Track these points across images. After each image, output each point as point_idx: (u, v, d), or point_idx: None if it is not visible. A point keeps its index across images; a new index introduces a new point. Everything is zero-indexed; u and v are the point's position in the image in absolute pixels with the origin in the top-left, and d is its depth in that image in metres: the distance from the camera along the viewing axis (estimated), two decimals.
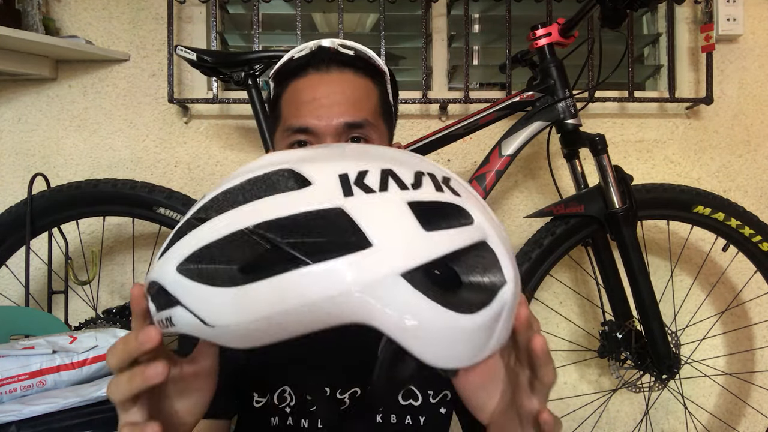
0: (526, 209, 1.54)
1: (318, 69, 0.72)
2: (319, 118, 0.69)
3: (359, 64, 0.74)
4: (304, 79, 0.73)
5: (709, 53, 1.48)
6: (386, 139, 0.76)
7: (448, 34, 1.58)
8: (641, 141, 1.57)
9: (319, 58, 0.73)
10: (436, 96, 1.52)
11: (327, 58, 0.72)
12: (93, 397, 0.88)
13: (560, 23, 1.18)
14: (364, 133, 0.71)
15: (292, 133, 0.71)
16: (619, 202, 1.15)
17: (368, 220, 0.36)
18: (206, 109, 1.52)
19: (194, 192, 1.47)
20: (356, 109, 0.71)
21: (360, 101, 0.72)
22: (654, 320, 1.18)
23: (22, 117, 1.51)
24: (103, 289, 1.52)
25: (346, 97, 0.71)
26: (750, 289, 1.55)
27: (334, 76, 0.72)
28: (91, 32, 1.50)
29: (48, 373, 0.93)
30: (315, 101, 0.70)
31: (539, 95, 1.19)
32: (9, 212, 1.26)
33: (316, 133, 0.69)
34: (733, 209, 1.28)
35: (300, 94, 0.72)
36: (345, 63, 0.73)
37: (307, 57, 0.73)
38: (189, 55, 1.18)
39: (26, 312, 1.24)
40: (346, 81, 0.73)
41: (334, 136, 0.69)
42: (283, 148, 0.72)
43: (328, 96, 0.71)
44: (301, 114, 0.70)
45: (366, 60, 0.75)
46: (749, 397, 1.60)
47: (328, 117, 0.69)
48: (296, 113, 0.71)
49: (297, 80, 0.73)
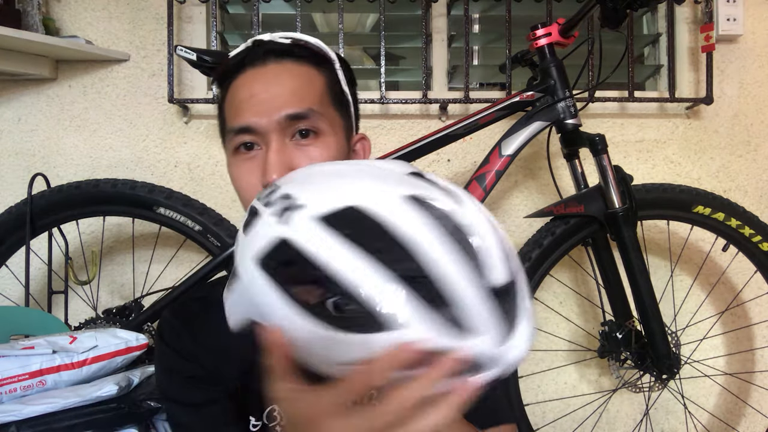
0: (526, 209, 1.54)
1: (254, 64, 0.68)
2: (259, 114, 0.65)
3: (298, 52, 0.69)
4: (242, 76, 0.69)
5: (709, 53, 1.48)
6: (341, 129, 0.71)
7: (448, 34, 1.58)
8: (641, 141, 1.57)
9: (254, 53, 0.69)
10: (436, 96, 1.52)
11: (262, 51, 0.69)
12: (93, 397, 0.88)
13: (560, 23, 1.18)
14: (311, 123, 0.66)
15: (235, 135, 0.67)
16: (619, 202, 1.15)
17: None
18: (206, 109, 1.52)
19: (194, 192, 1.47)
20: (298, 98, 0.66)
21: (301, 90, 0.67)
22: (654, 320, 1.18)
23: (22, 117, 1.51)
24: (103, 289, 1.52)
25: (285, 88, 0.66)
26: (750, 289, 1.55)
27: (270, 67, 0.68)
28: (91, 32, 1.50)
29: (48, 373, 0.93)
30: (252, 97, 0.66)
31: (539, 95, 1.19)
32: (9, 212, 1.26)
33: (259, 131, 0.65)
34: (733, 209, 1.28)
35: (237, 93, 0.68)
36: (282, 53, 0.69)
37: (242, 54, 0.70)
38: (189, 55, 1.18)
39: (26, 312, 1.24)
40: (284, 71, 0.68)
41: (278, 132, 0.65)
42: (230, 152, 0.69)
43: (266, 90, 0.66)
44: (240, 113, 0.66)
45: (305, 47, 0.70)
46: (749, 397, 1.60)
47: (268, 112, 0.65)
48: (236, 113, 0.67)
49: (235, 80, 0.69)
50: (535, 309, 1.53)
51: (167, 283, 1.45)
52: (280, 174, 0.61)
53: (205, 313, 0.71)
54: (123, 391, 0.92)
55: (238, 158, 0.68)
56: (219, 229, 1.23)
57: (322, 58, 0.71)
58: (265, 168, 0.64)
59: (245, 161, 0.67)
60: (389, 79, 1.60)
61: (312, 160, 0.65)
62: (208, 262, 1.22)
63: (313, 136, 0.67)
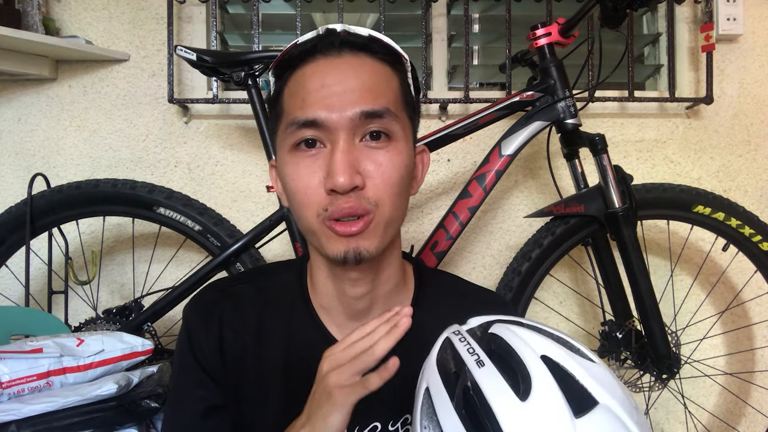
0: (526, 209, 1.54)
1: (326, 53, 0.62)
2: (329, 108, 0.59)
3: (376, 48, 0.63)
4: (311, 65, 0.62)
5: (709, 53, 1.48)
6: (411, 136, 0.66)
7: (448, 34, 1.58)
8: (641, 141, 1.57)
9: (327, 41, 0.62)
10: (436, 96, 1.52)
11: (337, 41, 0.62)
12: (93, 396, 0.88)
13: (560, 23, 1.18)
14: (384, 125, 0.61)
15: (298, 128, 0.60)
16: (619, 202, 1.15)
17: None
18: (206, 109, 1.52)
19: (194, 192, 1.47)
20: (374, 95, 0.60)
21: (378, 87, 0.61)
22: (654, 320, 1.18)
23: (22, 117, 1.51)
24: (103, 289, 1.52)
25: (361, 82, 0.60)
26: (750, 289, 1.55)
27: (346, 59, 0.62)
28: (91, 32, 1.51)
29: (55, 374, 0.93)
30: (324, 88, 0.59)
31: (539, 95, 1.19)
32: (9, 212, 1.26)
33: (327, 126, 0.59)
34: (733, 209, 1.28)
35: (306, 82, 0.61)
36: (359, 46, 0.62)
37: (313, 41, 0.62)
38: (189, 55, 1.18)
39: (26, 312, 1.23)
40: (361, 65, 0.62)
41: (348, 130, 0.59)
42: (288, 148, 0.62)
43: (340, 82, 0.60)
44: (307, 104, 0.59)
45: (383, 44, 0.64)
46: (749, 397, 1.60)
47: (340, 106, 0.59)
48: (302, 104, 0.60)
49: (302, 68, 0.62)
50: (536, 309, 1.53)
51: (167, 283, 1.45)
52: (348, 177, 0.57)
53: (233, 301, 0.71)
54: (122, 390, 0.92)
55: (297, 156, 0.61)
56: (219, 229, 1.23)
57: (397, 57, 0.66)
58: (330, 169, 0.58)
59: (305, 159, 0.61)
60: None
61: (380, 165, 0.60)
62: (208, 262, 1.22)
63: (385, 139, 0.61)
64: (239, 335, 0.70)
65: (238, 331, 0.70)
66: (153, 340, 1.23)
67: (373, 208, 0.61)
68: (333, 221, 0.60)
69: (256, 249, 1.23)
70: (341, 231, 0.60)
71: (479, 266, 1.57)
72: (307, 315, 0.72)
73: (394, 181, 0.62)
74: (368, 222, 0.61)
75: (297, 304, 0.73)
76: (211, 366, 0.69)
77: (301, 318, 0.72)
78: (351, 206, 0.59)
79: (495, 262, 1.56)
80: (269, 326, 0.71)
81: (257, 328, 0.71)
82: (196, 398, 0.69)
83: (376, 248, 0.63)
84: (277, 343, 0.71)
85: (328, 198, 0.60)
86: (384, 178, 0.61)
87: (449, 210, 1.19)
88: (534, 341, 0.54)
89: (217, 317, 0.70)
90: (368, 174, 0.60)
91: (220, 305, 0.71)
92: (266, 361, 0.70)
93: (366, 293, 0.69)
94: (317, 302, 0.72)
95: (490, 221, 1.57)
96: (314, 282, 0.72)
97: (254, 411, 0.70)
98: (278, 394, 0.70)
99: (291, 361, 0.70)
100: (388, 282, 0.71)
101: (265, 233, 1.22)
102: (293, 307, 0.72)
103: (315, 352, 0.68)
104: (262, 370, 0.70)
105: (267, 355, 0.70)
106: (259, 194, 1.51)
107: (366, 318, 0.70)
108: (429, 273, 0.79)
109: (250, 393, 0.70)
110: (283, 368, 0.70)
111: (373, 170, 0.60)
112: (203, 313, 0.71)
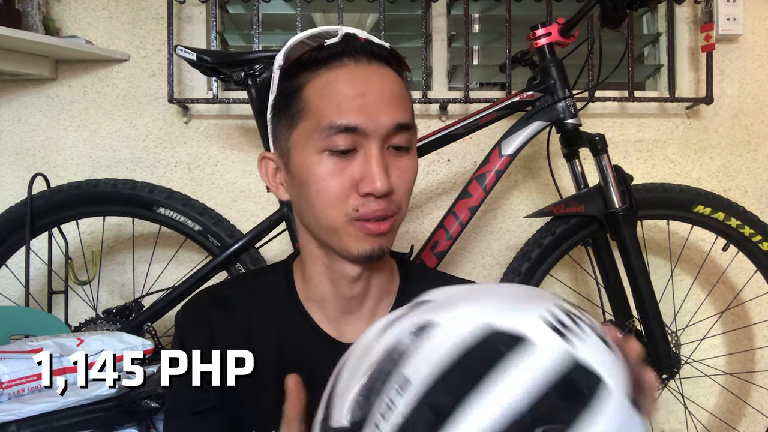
0: (526, 209, 1.54)
1: (357, 60, 0.64)
2: (368, 116, 0.61)
3: (393, 60, 0.67)
4: (343, 70, 0.63)
5: (709, 53, 1.48)
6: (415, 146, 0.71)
7: (448, 34, 1.58)
8: (641, 141, 1.57)
9: (356, 47, 0.64)
10: (436, 96, 1.52)
11: (366, 49, 0.64)
12: (93, 396, 0.88)
13: (560, 23, 1.18)
14: (408, 138, 0.65)
15: (335, 133, 0.62)
16: (619, 202, 1.15)
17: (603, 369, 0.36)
18: (206, 109, 1.52)
19: (194, 192, 1.47)
20: (404, 108, 0.65)
21: (405, 100, 0.66)
22: (654, 320, 1.18)
23: (22, 117, 1.51)
24: (103, 289, 1.52)
25: (393, 95, 0.64)
26: (750, 289, 1.55)
27: (376, 69, 0.64)
28: (91, 32, 1.50)
29: (55, 374, 0.93)
30: (363, 96, 0.62)
31: (539, 95, 1.19)
32: (9, 212, 1.26)
33: (364, 133, 0.62)
34: (733, 209, 1.28)
35: (341, 87, 0.63)
36: (382, 57, 0.65)
37: (341, 45, 0.64)
38: (189, 55, 1.18)
39: (26, 312, 1.24)
40: (388, 77, 0.65)
41: (381, 139, 0.63)
42: (319, 149, 0.63)
43: (377, 92, 0.63)
44: (345, 110, 0.61)
45: (399, 57, 0.68)
46: (749, 397, 1.60)
47: (377, 115, 0.62)
48: (338, 109, 0.62)
49: (332, 70, 0.64)
50: None
51: (167, 283, 1.45)
52: (386, 183, 0.62)
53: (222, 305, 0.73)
54: (122, 390, 0.92)
55: (331, 158, 0.63)
56: (219, 229, 1.23)
57: (405, 69, 0.69)
58: (368, 175, 0.62)
59: (339, 162, 0.63)
60: None
61: (404, 172, 0.66)
62: (208, 262, 1.22)
63: (406, 148, 0.66)
64: (230, 338, 0.71)
65: (229, 334, 0.71)
66: (153, 340, 1.23)
67: (396, 210, 0.66)
68: (364, 221, 0.64)
69: (256, 249, 1.23)
70: (374, 230, 0.64)
71: (479, 266, 1.57)
72: (295, 311, 0.73)
73: (410, 185, 0.68)
74: (392, 223, 0.66)
75: (285, 302, 0.74)
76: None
77: (290, 315, 0.73)
78: (383, 209, 0.63)
79: (495, 262, 1.56)
80: (259, 327, 0.72)
81: (248, 329, 0.72)
82: (189, 400, 0.70)
83: (391, 245, 0.68)
84: (268, 342, 0.72)
85: (360, 199, 0.63)
86: (405, 184, 0.66)
87: (449, 210, 1.19)
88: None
89: (208, 322, 0.72)
90: (394, 180, 0.65)
91: (210, 311, 0.73)
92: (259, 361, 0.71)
93: (363, 288, 0.72)
94: (308, 298, 0.74)
95: (490, 221, 1.57)
96: (307, 278, 0.73)
97: (251, 411, 0.71)
98: (273, 393, 0.70)
99: (283, 359, 0.71)
100: (380, 275, 0.73)
101: (265, 233, 1.22)
102: (282, 306, 0.74)
103: (306, 346, 0.70)
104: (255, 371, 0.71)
105: (259, 356, 0.71)
106: (259, 194, 1.51)
107: (359, 310, 0.72)
108: (412, 265, 0.82)
109: (245, 394, 0.71)
110: (275, 366, 0.71)
111: (398, 176, 0.65)
112: (194, 319, 0.73)
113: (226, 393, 0.70)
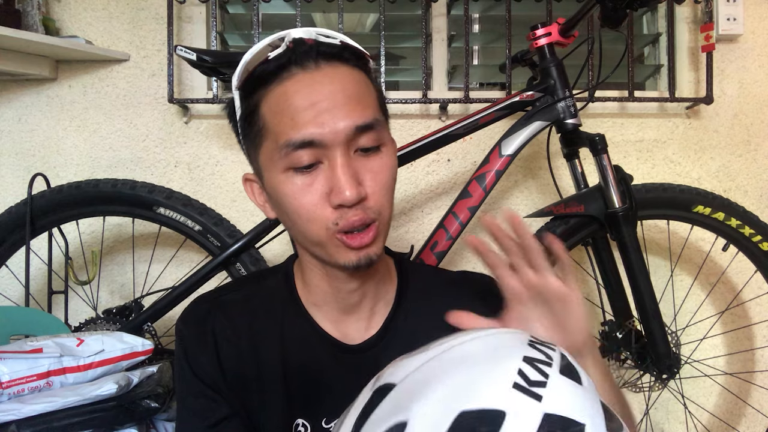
0: (526, 209, 1.54)
1: (304, 66, 0.60)
2: (322, 125, 0.58)
3: (347, 55, 0.62)
4: (291, 81, 0.60)
5: (709, 53, 1.48)
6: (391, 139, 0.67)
7: (448, 34, 1.58)
8: (641, 141, 1.57)
9: (301, 53, 0.60)
10: (436, 96, 1.52)
11: (311, 52, 0.60)
12: (93, 396, 0.88)
13: (560, 23, 1.18)
14: (375, 136, 0.61)
15: (293, 150, 0.59)
16: (619, 202, 1.15)
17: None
18: (206, 109, 1.52)
19: (194, 192, 1.47)
20: (362, 107, 0.61)
21: (363, 97, 0.62)
22: (654, 320, 1.17)
23: (22, 117, 1.51)
24: (103, 289, 1.52)
25: (348, 95, 0.60)
26: (750, 289, 1.55)
27: (325, 71, 0.60)
28: (91, 32, 1.50)
29: (55, 374, 0.93)
30: (314, 106, 0.58)
31: (539, 95, 1.19)
32: (9, 212, 1.26)
33: (323, 144, 0.59)
34: (733, 209, 1.28)
35: (291, 100, 0.59)
36: (333, 55, 0.61)
37: (286, 54, 0.60)
38: (189, 55, 1.18)
39: (26, 312, 1.24)
40: (341, 76, 0.61)
41: (344, 145, 0.59)
42: (282, 168, 0.61)
43: (328, 98, 0.59)
44: (299, 124, 0.58)
45: (353, 50, 0.63)
46: (749, 397, 1.60)
47: (333, 123, 0.58)
48: (292, 124, 0.59)
49: (281, 83, 0.60)
50: None
51: (167, 283, 1.45)
52: (354, 191, 0.59)
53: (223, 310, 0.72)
54: (122, 390, 0.92)
55: (295, 175, 0.61)
56: (219, 229, 1.23)
57: (365, 60, 0.65)
58: (335, 185, 0.59)
59: (304, 178, 0.61)
60: (389, 78, 1.60)
61: (377, 173, 0.62)
62: (208, 262, 1.22)
63: (376, 147, 0.63)
64: (234, 344, 0.71)
65: (232, 339, 0.71)
66: (153, 340, 1.22)
67: (377, 215, 0.63)
68: (344, 234, 0.62)
69: (256, 249, 1.23)
70: (355, 244, 0.62)
71: (479, 266, 1.56)
72: (298, 313, 0.73)
73: (389, 185, 0.64)
74: (376, 230, 0.63)
75: (287, 305, 0.73)
76: (211, 379, 0.70)
77: (292, 317, 0.73)
78: (360, 218, 0.61)
79: None
80: (262, 330, 0.72)
81: (250, 333, 0.72)
82: (200, 411, 0.70)
83: (381, 250, 0.66)
84: (271, 345, 0.71)
85: (336, 212, 0.61)
86: (381, 185, 0.63)
87: (449, 210, 1.19)
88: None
89: (211, 329, 0.71)
90: (367, 184, 0.62)
91: (211, 317, 0.72)
92: (263, 365, 0.71)
93: (360, 287, 0.71)
94: (308, 300, 0.73)
95: None
96: (306, 281, 0.73)
97: (258, 415, 0.71)
98: (278, 395, 0.70)
99: (287, 361, 0.71)
100: (376, 274, 0.73)
101: (265, 233, 1.22)
102: (283, 308, 0.73)
103: (309, 348, 0.70)
104: (260, 374, 0.71)
105: (263, 359, 0.71)
106: None
107: (358, 310, 0.72)
108: (410, 264, 0.82)
109: (252, 398, 0.71)
110: (280, 368, 0.71)
111: (371, 179, 0.62)
112: (196, 327, 0.72)
113: (235, 400, 0.70)
